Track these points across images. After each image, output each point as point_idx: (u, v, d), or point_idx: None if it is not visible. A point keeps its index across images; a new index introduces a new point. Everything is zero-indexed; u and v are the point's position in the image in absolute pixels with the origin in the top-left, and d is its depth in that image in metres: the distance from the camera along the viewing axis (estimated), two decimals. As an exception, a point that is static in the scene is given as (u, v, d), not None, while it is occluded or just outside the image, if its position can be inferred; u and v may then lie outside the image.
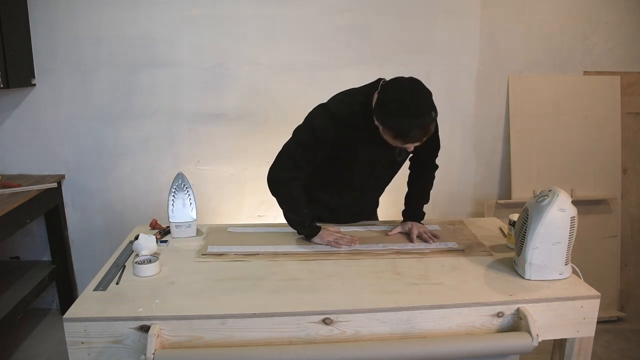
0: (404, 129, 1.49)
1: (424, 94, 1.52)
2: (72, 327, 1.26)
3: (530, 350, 1.29)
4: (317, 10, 2.66)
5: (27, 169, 2.76)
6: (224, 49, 2.66)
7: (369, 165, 1.77)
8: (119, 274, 1.51)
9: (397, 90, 1.53)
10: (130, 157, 2.79)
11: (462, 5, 2.72)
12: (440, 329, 1.34)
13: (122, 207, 2.84)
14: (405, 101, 1.49)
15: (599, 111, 2.85)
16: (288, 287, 1.43)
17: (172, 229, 1.81)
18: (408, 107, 1.48)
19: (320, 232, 1.75)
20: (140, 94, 2.71)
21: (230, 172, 2.83)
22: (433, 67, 2.78)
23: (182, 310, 1.29)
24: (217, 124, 2.75)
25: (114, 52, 2.65)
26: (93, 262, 2.86)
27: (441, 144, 1.92)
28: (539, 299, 1.36)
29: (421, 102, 1.49)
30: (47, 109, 2.69)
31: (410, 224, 1.85)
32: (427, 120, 1.49)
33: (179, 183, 1.79)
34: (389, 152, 1.70)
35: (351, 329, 1.31)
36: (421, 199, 1.93)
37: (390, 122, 1.50)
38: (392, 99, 1.51)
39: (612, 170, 2.88)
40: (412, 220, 1.86)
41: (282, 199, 1.74)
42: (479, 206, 2.94)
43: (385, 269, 1.55)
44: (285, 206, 1.75)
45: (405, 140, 1.52)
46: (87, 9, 2.58)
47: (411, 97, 1.50)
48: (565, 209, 1.41)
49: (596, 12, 2.79)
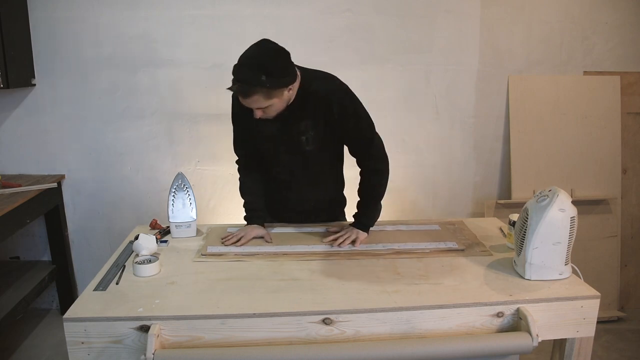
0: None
1: (261, 52, 1.53)
2: (72, 327, 1.26)
3: (530, 350, 1.29)
4: (317, 10, 2.66)
5: (27, 169, 2.76)
6: (224, 49, 2.66)
7: (272, 144, 1.75)
8: (119, 274, 1.50)
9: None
10: (130, 157, 2.79)
11: (462, 5, 2.72)
12: (440, 329, 1.34)
13: (122, 207, 2.84)
14: (244, 52, 1.53)
15: (599, 111, 2.85)
16: (288, 287, 1.43)
17: (172, 229, 1.81)
18: (240, 56, 1.52)
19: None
20: (140, 94, 2.71)
21: (230, 172, 2.83)
22: (433, 67, 2.78)
23: (182, 310, 1.29)
24: (217, 124, 2.75)
25: (114, 52, 2.65)
26: (93, 262, 2.87)
27: (441, 143, 1.92)
28: (539, 299, 1.36)
29: (253, 54, 1.52)
30: (47, 109, 2.70)
31: (349, 228, 1.78)
32: (245, 71, 1.49)
33: (179, 183, 1.79)
34: (283, 128, 1.69)
35: (351, 329, 1.31)
36: (360, 204, 1.82)
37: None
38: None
39: (612, 170, 2.88)
40: (353, 226, 1.78)
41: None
42: (479, 206, 2.94)
43: (385, 269, 1.55)
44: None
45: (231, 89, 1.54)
46: (87, 9, 2.58)
47: (248, 49, 1.54)
48: (565, 209, 1.41)
49: (596, 12, 2.79)
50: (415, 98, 2.81)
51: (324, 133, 1.71)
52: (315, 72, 1.71)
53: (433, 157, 2.89)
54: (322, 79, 1.69)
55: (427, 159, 2.89)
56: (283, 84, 1.54)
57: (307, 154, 1.74)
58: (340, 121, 1.67)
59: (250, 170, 1.88)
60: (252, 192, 1.87)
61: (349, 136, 1.74)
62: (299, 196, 1.88)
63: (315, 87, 1.65)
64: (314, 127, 1.69)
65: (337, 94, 1.66)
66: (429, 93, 2.81)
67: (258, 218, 1.83)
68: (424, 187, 2.93)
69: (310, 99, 1.65)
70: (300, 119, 1.68)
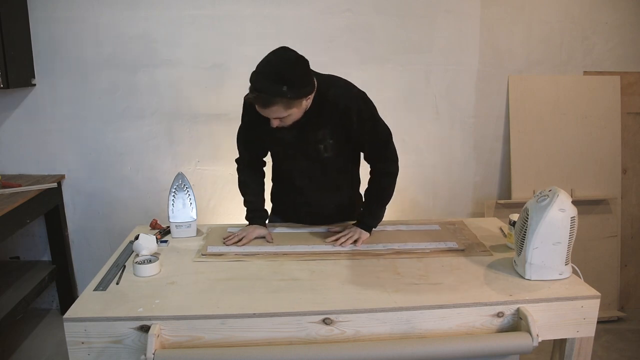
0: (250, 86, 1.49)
1: (280, 61, 1.49)
2: (72, 327, 1.26)
3: (530, 350, 1.29)
4: (317, 10, 2.66)
5: (27, 169, 2.76)
6: (224, 49, 2.66)
7: (290, 152, 1.75)
8: (119, 274, 1.50)
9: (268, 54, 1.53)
10: (130, 157, 2.79)
11: (462, 5, 2.72)
12: (440, 329, 1.34)
13: (122, 207, 2.84)
14: (262, 60, 1.51)
15: (599, 111, 2.85)
16: (288, 287, 1.43)
17: (172, 229, 1.81)
18: (258, 64, 1.50)
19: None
20: (140, 94, 2.71)
21: (230, 172, 2.83)
22: (433, 67, 2.78)
23: (182, 310, 1.29)
24: (217, 124, 2.75)
25: (114, 52, 2.65)
26: (93, 262, 2.87)
27: (441, 143, 1.92)
28: (539, 299, 1.36)
29: (273, 63, 1.49)
30: (47, 109, 2.69)
31: (352, 227, 1.78)
32: (264, 81, 1.46)
33: (179, 183, 1.79)
34: (300, 136, 1.68)
35: (351, 329, 1.31)
36: (367, 204, 1.82)
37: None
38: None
39: (612, 170, 2.88)
40: (357, 225, 1.78)
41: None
42: (479, 206, 2.94)
43: (385, 269, 1.55)
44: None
45: (248, 98, 1.51)
46: (87, 9, 2.58)
47: (266, 57, 1.51)
48: (565, 209, 1.41)
49: (596, 12, 2.79)
50: (415, 98, 2.81)
51: (343, 140, 1.70)
52: (332, 79, 1.69)
53: (433, 157, 2.89)
54: (339, 87, 1.66)
55: (427, 159, 2.89)
56: (303, 94, 1.52)
57: (325, 161, 1.74)
58: (358, 128, 1.67)
59: (252, 170, 1.88)
60: (254, 192, 1.87)
61: (367, 141, 1.74)
62: (317, 201, 1.87)
63: (333, 96, 1.62)
64: (332, 136, 1.68)
65: (355, 102, 1.64)
66: (429, 93, 2.81)
67: (260, 218, 1.83)
68: (424, 187, 2.93)
69: (327, 107, 1.63)
70: (317, 127, 1.66)
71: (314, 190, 1.84)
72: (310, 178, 1.81)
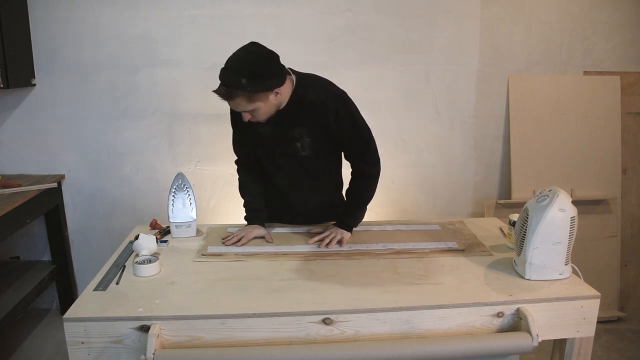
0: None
1: (245, 55, 1.53)
2: (72, 327, 1.26)
3: (530, 350, 1.29)
4: (317, 10, 2.66)
5: (27, 169, 2.76)
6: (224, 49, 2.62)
7: (267, 149, 1.76)
8: (119, 274, 1.51)
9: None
10: (130, 157, 2.79)
11: (462, 5, 2.72)
12: (440, 329, 1.34)
13: (122, 207, 2.84)
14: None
15: (599, 111, 2.85)
16: (288, 287, 1.43)
17: (172, 229, 1.81)
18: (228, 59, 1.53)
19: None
20: (140, 94, 2.71)
21: (230, 172, 2.82)
22: (433, 67, 2.78)
23: (182, 310, 1.29)
24: (217, 124, 2.74)
25: (114, 52, 2.65)
26: (93, 262, 2.87)
27: (441, 143, 1.92)
28: (539, 299, 1.36)
29: (237, 57, 1.53)
30: (47, 109, 2.69)
31: (333, 228, 1.78)
32: (227, 74, 1.50)
33: (179, 183, 1.79)
34: (277, 133, 1.69)
35: (351, 329, 1.31)
36: (347, 205, 1.82)
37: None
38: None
39: (612, 170, 2.88)
40: (337, 226, 1.78)
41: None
42: (479, 206, 2.94)
43: (385, 269, 1.55)
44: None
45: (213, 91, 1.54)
46: (87, 9, 2.58)
47: (236, 51, 1.55)
48: (565, 209, 1.41)
49: (596, 12, 2.79)
50: (415, 98, 2.81)
51: (321, 139, 1.70)
52: (310, 78, 1.69)
53: (433, 157, 2.89)
54: (317, 87, 1.67)
55: (427, 159, 2.89)
56: (266, 87, 1.53)
57: (303, 161, 1.74)
58: (336, 127, 1.67)
59: (250, 170, 1.88)
60: (253, 192, 1.87)
61: (346, 141, 1.74)
62: (299, 200, 1.87)
63: (309, 95, 1.63)
64: (309, 134, 1.68)
65: (332, 101, 1.64)
66: (429, 93, 2.81)
67: (258, 218, 1.83)
68: (424, 187, 2.93)
69: (305, 107, 1.64)
70: (294, 125, 1.67)
71: (294, 190, 1.85)
72: (289, 177, 1.82)
